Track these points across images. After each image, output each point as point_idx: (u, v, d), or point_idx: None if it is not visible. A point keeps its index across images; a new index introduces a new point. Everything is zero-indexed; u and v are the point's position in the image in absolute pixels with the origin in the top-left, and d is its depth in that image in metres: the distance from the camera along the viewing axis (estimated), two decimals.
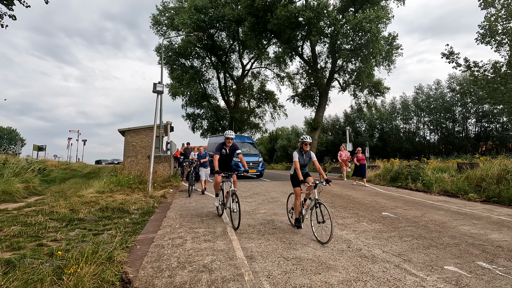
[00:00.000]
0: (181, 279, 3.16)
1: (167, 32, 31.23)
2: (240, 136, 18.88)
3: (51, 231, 4.90)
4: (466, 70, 17.98)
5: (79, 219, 5.74)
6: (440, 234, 4.94)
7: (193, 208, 7.30)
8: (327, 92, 29.29)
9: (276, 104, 35.20)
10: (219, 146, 6.01)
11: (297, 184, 4.99)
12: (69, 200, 7.20)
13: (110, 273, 3.04)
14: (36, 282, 2.74)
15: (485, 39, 17.66)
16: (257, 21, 26.44)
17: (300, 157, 5.04)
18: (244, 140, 18.00)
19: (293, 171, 5.10)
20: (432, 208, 7.39)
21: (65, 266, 3.04)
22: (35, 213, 6.07)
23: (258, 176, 16.17)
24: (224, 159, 6.07)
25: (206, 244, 4.36)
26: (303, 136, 5.04)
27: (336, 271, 3.40)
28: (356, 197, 8.99)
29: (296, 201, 4.97)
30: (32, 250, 3.87)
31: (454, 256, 3.91)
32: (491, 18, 16.88)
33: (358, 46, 24.05)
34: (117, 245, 3.95)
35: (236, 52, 33.65)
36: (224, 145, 6.07)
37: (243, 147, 16.49)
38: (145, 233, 4.95)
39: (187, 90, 32.01)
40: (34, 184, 10.46)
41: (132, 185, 9.69)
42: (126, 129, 14.88)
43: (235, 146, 6.18)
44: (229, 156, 6.13)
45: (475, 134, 34.64)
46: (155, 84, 9.83)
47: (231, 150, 6.15)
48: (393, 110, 41.52)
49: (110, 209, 6.68)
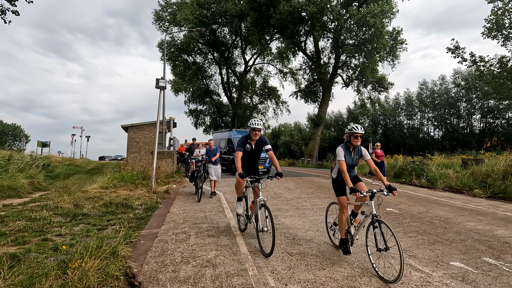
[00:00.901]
0: (185, 273, 3.15)
1: (169, 28, 31.10)
2: (245, 131, 18.54)
3: (55, 226, 4.93)
4: (471, 65, 17.73)
5: (83, 214, 5.77)
6: (445, 230, 4.89)
7: (197, 204, 7.30)
8: (330, 87, 29.10)
9: (278, 100, 35.07)
10: (242, 140, 4.53)
11: (342, 192, 3.73)
12: (73, 196, 7.24)
13: (114, 268, 3.05)
14: (41, 276, 2.74)
15: (492, 33, 17.37)
16: (259, 16, 26.22)
17: (347, 154, 3.64)
18: None
19: (336, 173, 3.82)
20: (437, 204, 7.33)
21: (69, 261, 3.04)
22: (40, 208, 6.11)
23: (265, 173, 15.64)
24: (248, 158, 4.58)
25: (210, 239, 4.36)
26: (352, 125, 3.65)
27: (340, 266, 3.38)
28: None
29: (342, 215, 3.64)
30: (37, 245, 3.88)
31: (460, 252, 3.87)
32: (498, 11, 16.58)
33: (362, 41, 23.80)
34: (121, 240, 3.95)
35: (238, 47, 33.47)
36: (248, 139, 4.57)
37: None
38: (148, 228, 4.96)
39: (190, 86, 31.99)
40: (39, 180, 10.53)
41: (135, 180, 9.72)
42: (129, 125, 14.90)
43: (263, 140, 4.60)
44: (255, 153, 4.62)
45: (480, 130, 34.32)
46: (157, 79, 9.80)
47: (258, 146, 4.61)
48: (396, 106, 41.23)
49: (114, 204, 6.70)
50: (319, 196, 8.37)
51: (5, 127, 61.98)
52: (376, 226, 3.22)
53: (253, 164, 4.70)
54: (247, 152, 4.53)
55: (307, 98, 31.77)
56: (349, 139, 3.65)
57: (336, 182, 3.81)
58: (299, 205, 7.00)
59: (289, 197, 8.15)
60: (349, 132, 3.62)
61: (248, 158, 4.58)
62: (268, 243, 3.72)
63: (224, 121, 34.72)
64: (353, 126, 3.62)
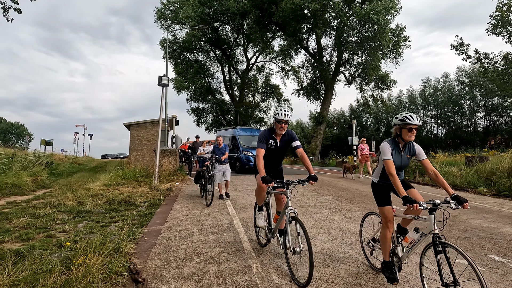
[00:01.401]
0: (189, 270, 3.14)
1: (171, 26, 31.07)
2: (250, 129, 17.97)
3: (59, 223, 4.94)
4: (476, 62, 17.56)
5: (86, 212, 5.78)
6: (450, 228, 4.85)
7: (199, 201, 7.30)
8: (332, 85, 28.98)
9: (281, 98, 34.95)
10: (265, 135, 3.58)
11: (387, 200, 2.90)
12: (77, 193, 7.26)
13: (118, 264, 3.04)
14: (45, 272, 2.74)
15: (496, 29, 17.19)
16: (261, 13, 26.11)
17: (395, 152, 2.80)
18: (254, 133, 17.02)
19: (378, 176, 3.04)
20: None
21: (73, 257, 3.04)
22: (43, 205, 6.13)
23: None
24: (271, 157, 3.66)
25: (213, 236, 4.34)
26: (405, 114, 2.73)
27: (345, 263, 3.35)
28: (363, 191, 8.91)
29: (386, 231, 2.80)
30: (40, 241, 3.89)
31: (466, 249, 3.82)
32: (503, 7, 16.39)
33: (365, 38, 23.65)
34: (125, 237, 3.95)
35: (240, 45, 33.39)
36: (272, 133, 3.60)
37: (254, 141, 15.53)
38: (152, 225, 4.96)
39: (192, 85, 31.96)
40: (42, 178, 10.57)
41: (138, 178, 9.74)
42: (131, 123, 14.92)
43: (291, 135, 3.63)
44: (280, 151, 3.67)
45: (484, 128, 34.10)
46: (160, 77, 9.79)
47: (284, 142, 3.63)
48: (399, 103, 41.05)
49: (117, 201, 6.71)
50: (322, 193, 8.34)
51: (9, 125, 62.40)
52: (440, 250, 2.35)
53: (276, 165, 3.81)
54: (270, 150, 3.59)
55: (310, 96, 31.65)
56: (400, 132, 2.77)
57: (378, 187, 3.00)
58: (302, 202, 6.97)
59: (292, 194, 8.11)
60: (400, 123, 2.72)
61: (270, 158, 3.63)
62: (302, 268, 2.90)
63: (226, 119, 34.70)
64: (407, 116, 2.70)
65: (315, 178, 3.20)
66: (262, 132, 3.63)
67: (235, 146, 15.42)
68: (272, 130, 3.62)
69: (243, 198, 7.61)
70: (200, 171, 7.87)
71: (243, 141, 15.35)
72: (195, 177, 8.02)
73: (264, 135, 3.57)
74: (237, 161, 14.86)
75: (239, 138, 15.40)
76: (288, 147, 3.69)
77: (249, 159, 14.03)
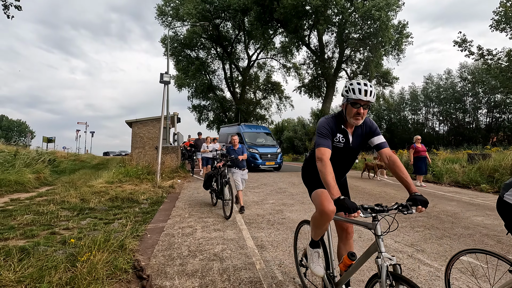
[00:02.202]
0: (193, 267, 3.16)
1: (172, 23, 30.93)
2: (255, 126, 17.33)
3: (63, 220, 4.97)
4: (479, 58, 17.41)
5: (89, 209, 5.81)
6: (453, 225, 4.85)
7: (202, 198, 7.32)
8: (334, 82, 28.85)
9: (282, 95, 34.87)
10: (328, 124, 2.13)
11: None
12: (79, 190, 7.30)
13: (122, 261, 3.06)
14: (51, 269, 2.76)
15: (500, 25, 17.02)
16: (263, 10, 25.94)
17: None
18: (259, 130, 16.44)
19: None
20: (443, 198, 7.27)
21: (78, 254, 3.06)
22: (47, 203, 6.16)
23: (276, 169, 14.88)
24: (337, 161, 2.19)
25: (216, 233, 4.36)
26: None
27: None
28: (365, 188, 8.91)
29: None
30: (45, 238, 3.92)
31: (469, 246, 3.82)
32: (507, 3, 16.22)
33: (367, 35, 23.48)
34: (128, 234, 3.97)
35: (241, 42, 33.23)
36: (340, 124, 2.17)
37: (259, 138, 15.25)
38: (155, 222, 4.98)
39: (193, 82, 31.88)
40: (45, 175, 10.62)
41: (140, 175, 9.77)
42: (133, 121, 14.94)
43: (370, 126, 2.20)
44: (353, 152, 2.26)
45: (486, 124, 33.94)
46: (162, 74, 9.78)
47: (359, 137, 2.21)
48: (401, 100, 40.87)
49: (120, 199, 6.74)
50: None
51: (11, 123, 62.61)
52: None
53: (341, 175, 2.38)
54: (338, 149, 2.16)
55: (311, 93, 31.54)
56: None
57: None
58: (304, 199, 6.98)
59: (294, 191, 8.14)
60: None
61: (335, 162, 2.09)
62: None
63: (228, 116, 34.66)
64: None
65: (424, 201, 1.75)
66: (323, 122, 2.13)
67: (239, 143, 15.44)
68: (340, 117, 2.17)
69: (244, 195, 7.62)
70: (211, 174, 6.31)
71: (248, 138, 14.95)
72: (205, 181, 6.33)
73: (328, 125, 2.10)
74: None
75: (244, 135, 15.03)
76: (364, 145, 2.27)
77: (254, 156, 13.71)
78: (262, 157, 13.94)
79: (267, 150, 14.44)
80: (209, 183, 6.25)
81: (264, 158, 13.99)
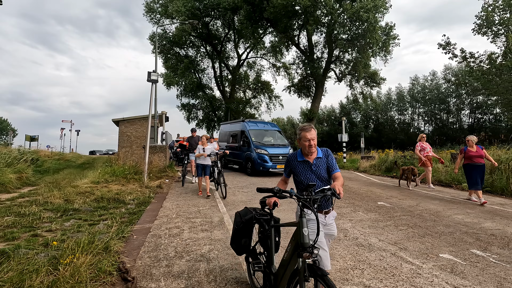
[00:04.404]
0: (179, 268, 3.15)
1: (161, 20, 30.49)
2: (261, 122, 14.75)
3: (45, 222, 4.84)
4: (462, 61, 17.98)
5: (74, 210, 5.68)
6: (434, 223, 5.00)
7: (190, 198, 7.27)
8: (323, 82, 29.12)
9: (272, 94, 34.96)
10: None
11: None
12: (64, 191, 7.12)
13: (107, 263, 3.02)
14: (32, 272, 2.69)
15: (482, 29, 17.62)
16: (253, 9, 25.93)
17: None
18: (267, 127, 14.11)
19: None
20: (427, 197, 7.49)
21: (60, 257, 3.00)
22: (29, 204, 5.99)
23: None
24: None
25: (204, 234, 4.35)
26: None
27: (333, 259, 3.42)
28: (352, 187, 9.06)
29: None
30: (26, 241, 3.81)
31: (449, 244, 3.96)
32: (488, 8, 16.80)
33: (355, 36, 23.81)
34: (114, 235, 3.91)
35: (231, 41, 33.11)
36: None
37: (267, 136, 13.21)
38: (141, 223, 4.92)
39: (182, 80, 31.53)
40: (27, 175, 10.32)
41: (127, 175, 9.61)
42: (120, 119, 14.68)
43: None
44: None
45: (469, 125, 35.06)
46: (149, 72, 9.64)
47: None
48: (388, 101, 41.72)
49: (106, 199, 6.62)
50: None
51: None
52: None
53: None
54: None
55: (300, 92, 31.76)
56: None
57: None
58: (292, 199, 7.03)
59: None
60: None
61: None
62: None
63: (217, 115, 34.50)
64: None
65: None
66: None
67: (245, 142, 12.83)
68: None
69: (233, 195, 7.63)
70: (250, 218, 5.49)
71: (255, 137, 12.70)
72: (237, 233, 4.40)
73: None
74: (249, 162, 12.31)
75: (250, 133, 12.81)
76: None
77: (263, 158, 11.64)
78: (273, 159, 11.69)
79: (278, 151, 12.14)
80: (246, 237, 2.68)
81: (275, 160, 11.72)
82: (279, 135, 13.73)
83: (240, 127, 13.83)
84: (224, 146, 15.03)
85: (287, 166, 2.55)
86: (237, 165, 13.70)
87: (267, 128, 13.82)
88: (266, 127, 13.97)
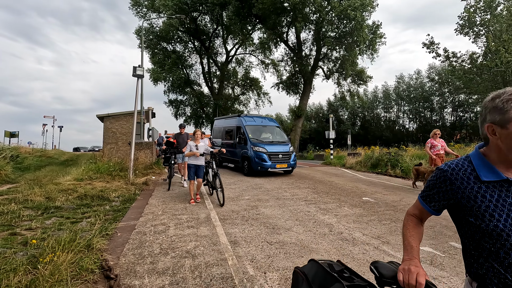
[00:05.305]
0: (164, 265, 3.12)
1: (147, 14, 29.82)
2: (258, 117, 13.50)
3: (25, 220, 4.69)
4: (445, 60, 18.46)
5: (55, 207, 5.53)
6: None
7: (176, 195, 7.21)
8: (311, 80, 29.34)
9: (260, 91, 34.92)
10: None
11: None
12: (45, 188, 6.91)
13: (89, 261, 2.96)
14: (9, 272, 2.61)
15: (464, 30, 18.14)
16: (241, 5, 25.74)
17: None
18: (265, 122, 12.93)
19: None
20: (410, 193, 7.69)
21: (40, 255, 2.92)
22: (8, 202, 5.78)
23: (288, 173, 11.60)
24: None
25: (190, 230, 4.33)
26: None
27: (318, 253, 3.47)
28: (338, 183, 9.20)
29: None
30: (4, 240, 3.69)
31: (429, 237, 4.09)
32: (470, 9, 17.29)
33: (343, 34, 24.07)
34: (97, 233, 3.84)
35: (220, 37, 32.77)
36: None
37: (265, 132, 12.19)
38: (126, 220, 4.84)
39: (169, 76, 31.04)
40: (6, 172, 9.94)
41: (112, 172, 9.41)
42: (105, 115, 14.34)
43: None
44: None
45: (451, 123, 36.17)
46: (135, 67, 9.44)
47: None
48: (374, 98, 42.45)
49: (89, 196, 6.47)
50: (299, 186, 8.52)
51: None
52: None
53: None
54: None
55: (289, 89, 31.88)
56: None
57: None
58: (279, 195, 7.09)
59: (269, 187, 8.23)
60: None
61: None
62: None
63: (205, 111, 34.21)
64: None
65: None
66: None
67: (241, 139, 11.59)
68: None
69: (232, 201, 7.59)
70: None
71: (252, 134, 11.58)
72: None
73: None
74: (245, 161, 11.20)
75: (247, 129, 11.65)
76: None
77: (261, 157, 10.50)
78: (272, 158, 10.62)
79: (278, 149, 11.00)
80: None
81: (274, 159, 10.67)
82: (279, 131, 12.71)
83: (235, 122, 12.72)
84: (219, 143, 13.93)
85: (437, 191, 1.20)
86: (232, 163, 12.67)
87: (265, 124, 12.70)
88: (264, 122, 12.85)
